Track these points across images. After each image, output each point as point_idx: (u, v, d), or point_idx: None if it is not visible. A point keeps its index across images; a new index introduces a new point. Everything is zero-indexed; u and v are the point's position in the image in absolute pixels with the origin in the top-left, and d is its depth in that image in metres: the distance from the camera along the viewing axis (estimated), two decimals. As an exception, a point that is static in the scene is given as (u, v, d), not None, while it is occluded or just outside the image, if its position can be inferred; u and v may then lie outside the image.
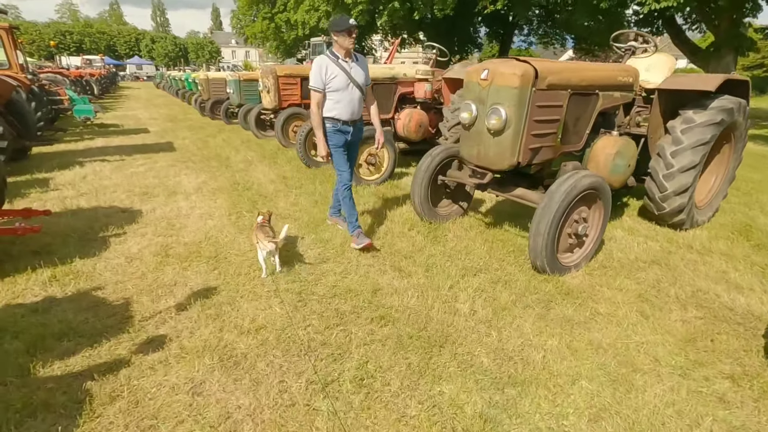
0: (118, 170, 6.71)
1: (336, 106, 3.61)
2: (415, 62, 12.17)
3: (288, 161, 7.41)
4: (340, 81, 3.53)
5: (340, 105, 3.61)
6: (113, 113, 15.63)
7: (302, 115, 8.58)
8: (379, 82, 6.08)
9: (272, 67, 8.55)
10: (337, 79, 3.52)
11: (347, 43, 3.47)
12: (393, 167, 6.04)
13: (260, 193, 5.52)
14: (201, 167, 6.99)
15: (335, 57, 3.53)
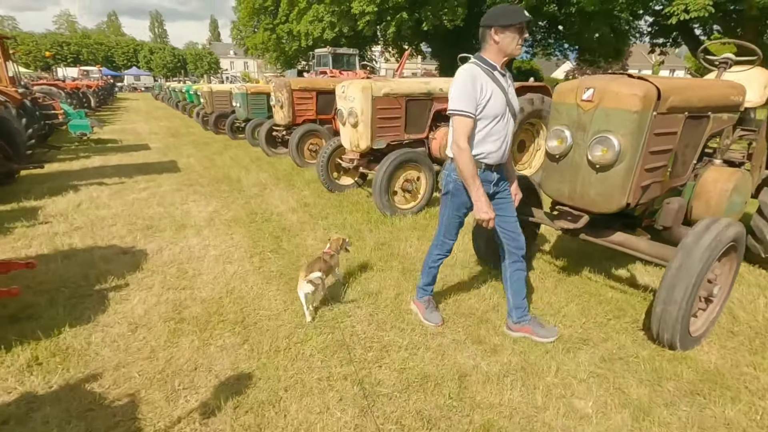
0: (118, 196, 5.96)
1: (484, 143, 2.38)
2: (413, 74, 11.47)
3: (306, 184, 6.69)
4: (497, 105, 2.32)
5: (491, 141, 2.38)
6: (111, 127, 14.92)
7: (318, 132, 7.90)
8: (413, 98, 5.40)
9: (286, 81, 7.88)
10: (494, 102, 2.30)
11: (514, 47, 2.29)
12: (431, 193, 5.33)
13: (282, 226, 4.79)
14: (210, 192, 6.26)
15: (490, 68, 2.32)
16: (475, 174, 2.32)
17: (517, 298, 2.69)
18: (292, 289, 3.31)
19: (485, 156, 2.42)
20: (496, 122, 2.36)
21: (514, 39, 2.28)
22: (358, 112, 5.03)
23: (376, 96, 5.06)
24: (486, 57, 2.35)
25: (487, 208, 2.37)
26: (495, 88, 2.31)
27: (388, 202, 4.96)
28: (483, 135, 2.38)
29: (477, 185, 2.33)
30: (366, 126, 5.10)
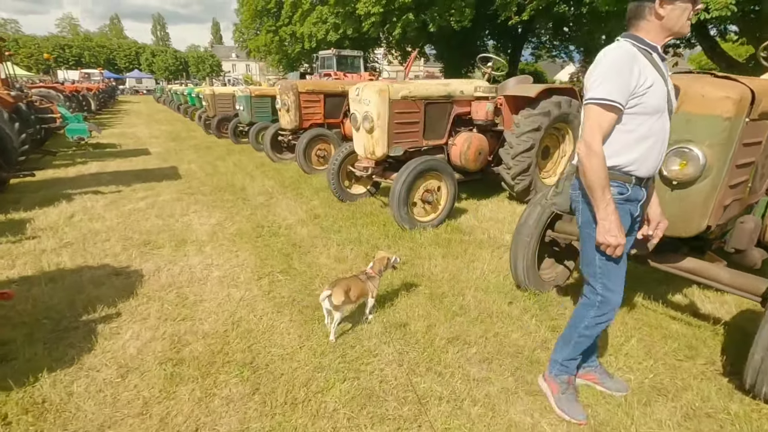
0: (114, 206, 5.55)
1: (637, 147, 1.78)
2: (416, 76, 10.91)
3: (315, 193, 6.27)
4: (658, 97, 1.74)
5: (647, 146, 1.79)
6: (111, 130, 14.55)
7: (327, 137, 7.50)
8: (432, 101, 5.00)
9: (293, 83, 7.49)
10: (655, 94, 1.73)
11: (683, 22, 1.73)
12: (452, 205, 4.92)
13: (292, 242, 4.37)
14: (213, 201, 5.85)
15: (649, 49, 1.76)
16: (607, 185, 1.75)
17: (574, 348, 2.22)
18: (307, 319, 2.90)
19: (636, 166, 1.80)
20: (654, 120, 1.77)
21: (685, 11, 1.70)
22: (374, 116, 4.62)
23: (393, 99, 4.65)
24: (642, 36, 1.76)
25: (618, 231, 1.76)
26: (657, 76, 1.73)
27: (407, 215, 4.55)
28: (636, 137, 1.77)
29: (608, 200, 1.75)
30: (382, 131, 4.69)
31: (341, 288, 2.56)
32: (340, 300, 2.53)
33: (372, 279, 2.79)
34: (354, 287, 2.65)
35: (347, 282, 2.65)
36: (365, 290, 2.75)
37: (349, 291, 2.61)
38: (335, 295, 2.52)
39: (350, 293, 2.62)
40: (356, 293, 2.68)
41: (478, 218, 5.18)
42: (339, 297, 2.53)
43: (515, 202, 5.82)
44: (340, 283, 2.60)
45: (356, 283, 2.70)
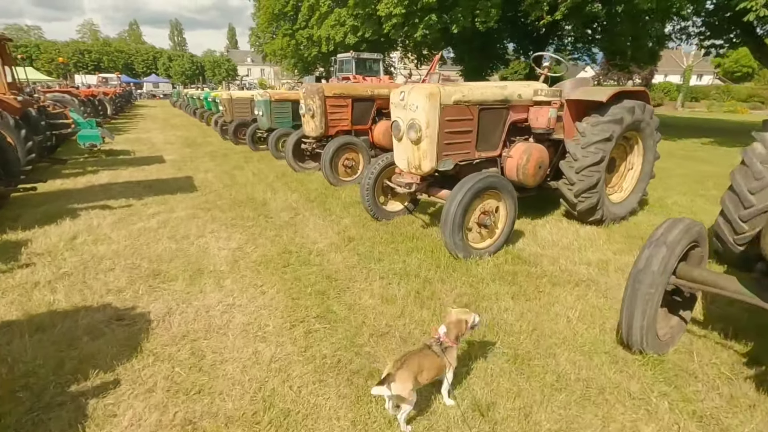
0: (122, 224, 4.95)
1: None
2: (444, 79, 10.32)
3: (344, 209, 5.59)
4: None
5: None
6: (125, 136, 14.14)
7: (355, 145, 6.82)
8: (487, 106, 4.28)
9: (318, 86, 6.84)
10: None
11: None
12: (511, 228, 4.19)
13: (326, 273, 3.69)
14: (232, 219, 5.21)
15: None
16: None
17: None
18: (360, 394, 2.20)
19: None
20: None
21: None
22: (422, 124, 3.92)
23: (444, 105, 3.94)
24: None
25: None
26: None
27: (462, 242, 3.83)
28: None
29: None
30: (431, 142, 3.99)
31: (409, 372, 1.87)
32: (408, 391, 1.83)
33: (449, 350, 2.08)
34: (426, 366, 1.97)
35: (416, 360, 1.95)
36: (441, 366, 2.04)
37: (421, 374, 1.92)
38: (401, 385, 1.84)
39: (421, 376, 1.92)
40: (430, 374, 1.98)
41: (539, 243, 4.43)
42: (407, 386, 1.84)
43: (575, 222, 5.06)
44: (407, 363, 1.91)
45: (428, 359, 2.00)
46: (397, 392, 1.84)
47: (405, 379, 1.85)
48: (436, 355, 2.02)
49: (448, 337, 2.11)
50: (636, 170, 5.29)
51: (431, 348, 2.05)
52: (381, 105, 7.56)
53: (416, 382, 1.90)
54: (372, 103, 7.43)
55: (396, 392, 1.84)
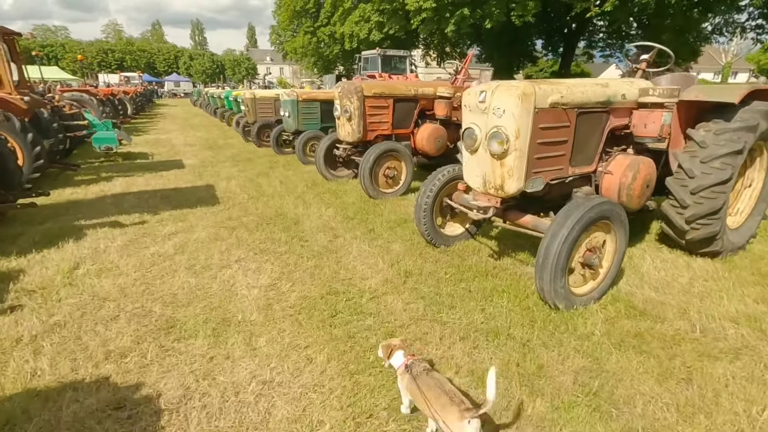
0: (133, 248, 4.19)
1: None
2: (467, 77, 9.09)
3: (390, 229, 4.74)
4: None
5: None
6: (144, 137, 13.58)
7: (398, 152, 5.96)
8: (587, 110, 3.36)
9: (357, 85, 5.99)
10: None
11: None
12: (618, 266, 3.26)
13: (388, 329, 2.82)
14: (261, 242, 4.40)
15: None
16: None
17: None
18: None
19: None
20: None
21: None
22: (511, 133, 3.02)
23: (540, 108, 3.03)
24: None
25: None
26: None
27: (564, 289, 2.92)
28: None
29: None
30: (520, 157, 3.08)
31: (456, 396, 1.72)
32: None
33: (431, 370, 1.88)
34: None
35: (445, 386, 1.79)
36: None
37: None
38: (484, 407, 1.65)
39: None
40: None
41: (649, 283, 3.48)
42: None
43: (678, 250, 4.09)
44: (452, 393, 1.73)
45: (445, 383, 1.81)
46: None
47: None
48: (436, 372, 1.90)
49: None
50: (756, 188, 4.28)
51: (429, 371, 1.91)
52: (425, 106, 6.67)
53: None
54: (415, 104, 6.55)
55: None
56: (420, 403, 1.86)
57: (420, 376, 1.89)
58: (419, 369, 1.94)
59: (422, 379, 1.86)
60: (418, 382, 1.86)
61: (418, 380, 1.87)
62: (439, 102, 6.59)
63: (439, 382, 1.85)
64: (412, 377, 1.91)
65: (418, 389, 1.83)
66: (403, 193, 6.17)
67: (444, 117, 6.59)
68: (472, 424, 1.63)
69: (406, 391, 1.98)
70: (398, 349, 2.07)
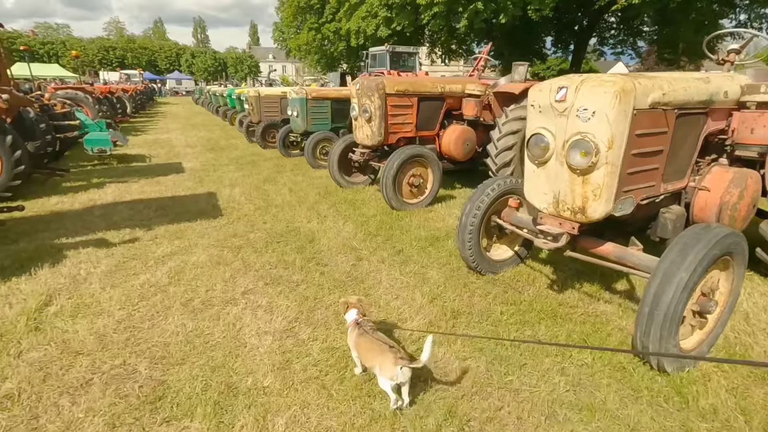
0: (120, 276, 3.50)
1: None
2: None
3: (422, 249, 4.05)
4: None
5: None
6: (143, 137, 12.91)
7: (425, 158, 5.27)
8: (687, 110, 2.65)
9: (378, 81, 5.29)
10: None
11: None
12: (731, 311, 2.55)
13: (448, 408, 2.13)
14: (272, 266, 3.70)
15: None
16: None
17: None
18: None
19: None
20: None
21: None
22: (602, 142, 2.32)
23: (638, 110, 2.33)
24: None
25: None
26: None
27: (676, 348, 2.22)
28: None
29: None
30: (612, 172, 2.39)
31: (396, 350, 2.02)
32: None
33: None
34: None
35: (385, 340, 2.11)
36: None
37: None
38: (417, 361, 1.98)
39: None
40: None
41: (760, 327, 2.78)
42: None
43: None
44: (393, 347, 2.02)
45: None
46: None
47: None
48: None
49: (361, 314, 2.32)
50: None
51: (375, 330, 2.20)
52: (451, 105, 5.97)
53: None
54: (441, 103, 5.84)
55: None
56: (363, 353, 2.14)
57: (366, 333, 2.16)
58: (366, 327, 2.21)
59: (368, 335, 2.14)
60: (365, 337, 2.14)
61: (365, 335, 2.14)
62: (468, 101, 5.90)
63: (382, 338, 2.12)
64: (359, 332, 2.18)
65: (363, 341, 2.13)
66: (429, 203, 5.48)
67: (473, 117, 5.90)
68: (403, 371, 1.93)
69: (353, 345, 2.21)
70: (353, 308, 2.36)
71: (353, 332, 2.23)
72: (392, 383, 1.94)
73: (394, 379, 1.93)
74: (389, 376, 1.93)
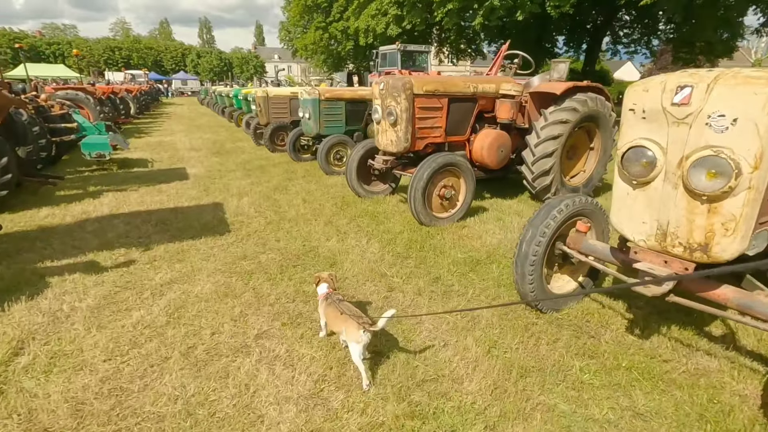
0: (107, 315, 2.93)
1: None
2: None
3: (461, 276, 3.45)
4: None
5: None
6: (146, 139, 12.39)
7: (458, 166, 4.69)
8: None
9: (405, 80, 4.71)
10: None
11: None
12: None
13: None
14: (289, 298, 3.12)
15: None
16: None
17: None
18: None
19: None
20: None
21: None
22: (745, 160, 1.71)
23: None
24: None
25: None
26: None
27: None
28: None
29: None
30: (754, 199, 1.78)
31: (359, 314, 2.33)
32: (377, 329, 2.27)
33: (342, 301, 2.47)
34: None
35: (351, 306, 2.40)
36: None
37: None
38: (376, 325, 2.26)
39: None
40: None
41: None
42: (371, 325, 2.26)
43: None
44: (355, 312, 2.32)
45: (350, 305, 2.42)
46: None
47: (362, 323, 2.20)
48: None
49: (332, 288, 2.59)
50: None
51: (342, 301, 2.44)
52: (483, 107, 5.37)
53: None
54: (473, 105, 5.23)
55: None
56: (331, 321, 2.41)
57: (335, 303, 2.39)
58: (334, 298, 2.45)
59: (336, 304, 2.36)
60: (333, 306, 2.37)
61: (333, 305, 2.38)
62: (503, 102, 5.30)
63: (349, 307, 2.34)
64: (328, 303, 2.44)
65: (331, 311, 2.38)
66: (461, 217, 4.88)
67: (508, 120, 5.30)
68: (365, 334, 2.17)
69: (323, 314, 2.52)
70: (324, 282, 2.61)
71: (323, 303, 2.51)
72: (360, 348, 2.17)
73: (359, 342, 2.16)
74: (354, 339, 2.17)
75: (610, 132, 5.77)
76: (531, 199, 5.81)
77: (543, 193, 5.45)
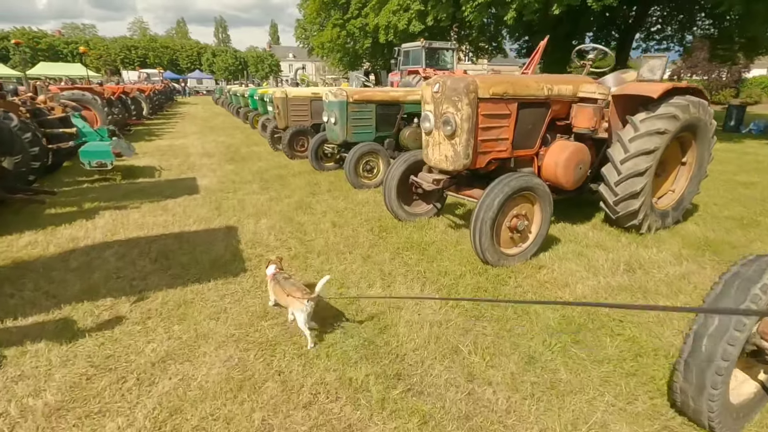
0: (70, 422, 2.02)
1: None
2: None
3: (562, 352, 2.45)
4: None
5: None
6: (157, 143, 11.62)
7: (533, 191, 3.66)
8: None
9: (469, 80, 3.70)
10: None
11: None
12: None
13: None
14: (333, 397, 2.17)
15: None
16: None
17: None
18: None
19: None
20: None
21: None
22: None
23: None
24: None
25: None
26: None
27: None
28: None
29: None
30: None
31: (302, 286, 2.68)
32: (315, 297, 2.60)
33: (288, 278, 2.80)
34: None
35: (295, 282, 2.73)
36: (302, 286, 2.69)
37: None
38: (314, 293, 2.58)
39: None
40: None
41: None
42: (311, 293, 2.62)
43: None
44: (299, 286, 2.67)
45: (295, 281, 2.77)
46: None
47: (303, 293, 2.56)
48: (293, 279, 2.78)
49: (279, 268, 2.91)
50: None
51: (287, 278, 2.76)
52: (557, 113, 4.34)
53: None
54: (546, 111, 4.21)
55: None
56: (279, 296, 2.74)
57: (281, 281, 2.70)
58: (281, 277, 2.74)
59: (282, 281, 2.69)
60: (280, 284, 2.68)
61: (280, 282, 2.69)
62: (582, 107, 4.27)
63: (293, 283, 2.65)
64: (276, 281, 2.75)
65: (278, 288, 2.70)
66: (534, 254, 3.88)
67: (589, 130, 4.26)
68: (309, 303, 2.49)
69: (272, 291, 2.87)
70: (272, 264, 2.92)
71: (272, 282, 2.82)
72: (304, 316, 2.47)
73: (303, 311, 2.46)
74: (299, 308, 2.48)
75: (709, 143, 4.71)
76: (608, 225, 4.76)
77: (626, 220, 4.42)
